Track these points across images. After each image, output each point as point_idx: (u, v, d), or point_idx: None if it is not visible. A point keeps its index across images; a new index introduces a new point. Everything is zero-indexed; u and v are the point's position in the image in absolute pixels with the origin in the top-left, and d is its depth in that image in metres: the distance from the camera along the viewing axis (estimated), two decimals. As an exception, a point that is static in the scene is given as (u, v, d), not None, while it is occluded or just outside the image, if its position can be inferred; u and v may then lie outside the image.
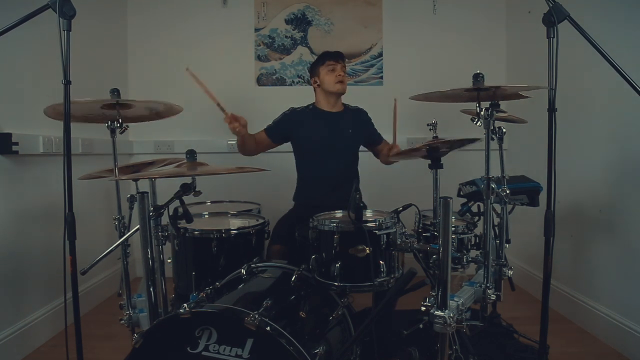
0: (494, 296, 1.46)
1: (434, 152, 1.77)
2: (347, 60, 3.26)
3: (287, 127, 2.39)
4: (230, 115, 2.17)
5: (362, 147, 2.49)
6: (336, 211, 1.74)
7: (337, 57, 2.36)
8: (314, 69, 2.40)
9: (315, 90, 2.43)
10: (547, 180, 1.42)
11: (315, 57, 2.47)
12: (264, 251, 2.00)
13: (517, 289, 2.40)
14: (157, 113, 1.76)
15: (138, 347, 1.27)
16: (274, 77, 3.32)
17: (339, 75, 2.32)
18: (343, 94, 2.38)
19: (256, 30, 3.31)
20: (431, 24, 3.31)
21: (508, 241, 1.79)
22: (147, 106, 1.70)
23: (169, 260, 1.83)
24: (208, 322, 1.25)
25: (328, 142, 2.32)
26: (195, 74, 1.94)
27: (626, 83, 1.32)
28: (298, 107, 2.46)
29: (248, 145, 2.29)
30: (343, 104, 2.45)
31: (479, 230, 1.76)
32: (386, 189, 2.66)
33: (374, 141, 2.50)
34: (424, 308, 1.30)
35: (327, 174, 2.33)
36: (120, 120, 1.59)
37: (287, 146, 2.48)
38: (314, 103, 2.45)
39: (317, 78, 2.38)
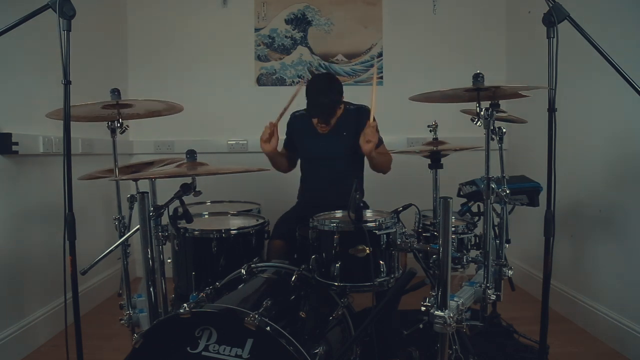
0: (494, 296, 1.46)
1: (434, 153, 1.77)
2: (346, 60, 3.30)
3: (292, 134, 2.42)
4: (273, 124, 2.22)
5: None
6: (336, 211, 1.74)
7: (323, 118, 2.19)
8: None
9: None
10: (547, 180, 1.42)
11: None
12: (264, 251, 2.00)
13: (517, 289, 2.41)
14: (157, 112, 1.76)
15: (138, 347, 1.27)
16: (274, 77, 3.32)
17: (322, 128, 2.24)
18: None
19: (256, 30, 3.31)
20: (431, 24, 3.31)
21: (508, 241, 1.79)
22: (148, 107, 1.70)
23: (169, 260, 1.83)
24: (208, 322, 1.25)
25: (325, 146, 2.29)
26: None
27: (626, 83, 1.32)
28: (298, 112, 2.42)
29: (278, 162, 2.36)
30: (344, 102, 2.42)
31: (479, 230, 1.76)
32: (386, 189, 2.66)
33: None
34: (424, 308, 1.29)
35: (327, 175, 2.32)
36: (120, 120, 1.59)
37: (287, 146, 2.48)
38: None
39: None
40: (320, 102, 2.12)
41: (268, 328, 1.21)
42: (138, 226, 1.42)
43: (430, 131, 1.82)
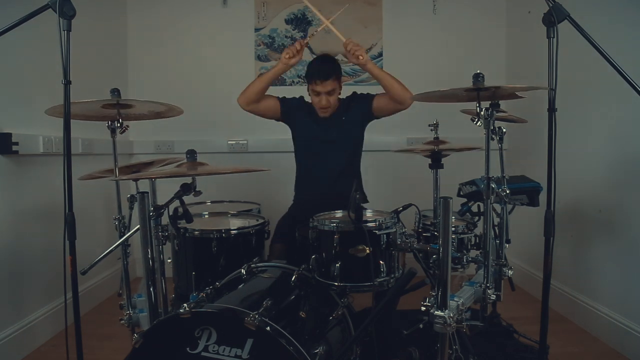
0: (494, 296, 1.46)
1: (435, 152, 1.77)
2: (346, 60, 3.29)
3: (294, 108, 2.36)
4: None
5: (367, 147, 2.43)
6: (336, 211, 1.74)
7: (322, 76, 2.19)
8: (307, 78, 2.30)
9: None
10: (547, 180, 1.42)
11: (315, 57, 2.43)
12: (264, 251, 2.00)
13: (517, 289, 2.41)
14: (158, 113, 1.76)
15: (138, 347, 1.27)
16: (274, 77, 3.32)
17: (322, 103, 2.22)
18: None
19: (256, 30, 3.31)
20: (431, 24, 3.31)
21: (508, 241, 1.79)
22: (148, 108, 1.70)
23: (169, 260, 1.83)
24: (208, 322, 1.25)
25: (322, 140, 2.28)
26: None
27: (626, 83, 1.32)
28: (306, 100, 2.41)
29: (264, 88, 2.26)
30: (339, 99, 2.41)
31: (479, 230, 1.76)
32: (386, 189, 2.66)
33: (366, 109, 2.30)
34: (424, 308, 1.30)
35: (324, 171, 2.30)
36: (120, 120, 1.59)
37: (286, 146, 2.48)
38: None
39: (308, 91, 2.30)
40: (323, 65, 2.25)
41: (268, 328, 1.21)
42: (138, 226, 1.42)
43: (431, 130, 1.82)
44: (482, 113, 1.43)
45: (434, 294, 1.30)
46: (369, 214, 1.73)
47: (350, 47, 2.11)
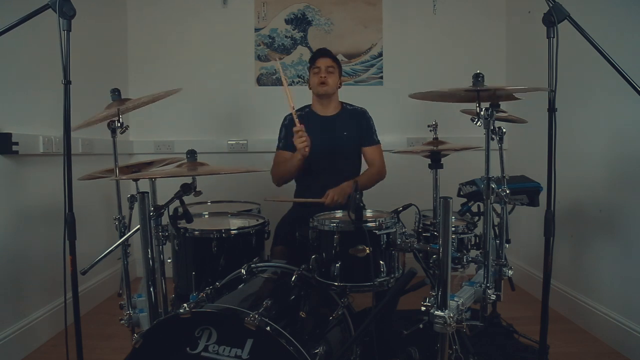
0: (494, 296, 1.46)
1: (435, 153, 1.77)
2: (346, 60, 3.30)
3: (289, 134, 2.37)
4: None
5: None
6: (336, 211, 1.74)
7: (321, 53, 2.35)
8: (310, 62, 2.43)
9: None
10: (547, 180, 1.42)
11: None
12: (264, 251, 2.00)
13: (517, 289, 2.41)
14: (159, 96, 1.73)
15: (138, 347, 1.27)
16: (274, 77, 3.32)
17: (322, 76, 2.29)
18: (328, 95, 2.33)
19: (256, 30, 3.31)
20: (431, 24, 3.31)
21: (508, 241, 1.79)
22: (149, 100, 1.69)
23: (169, 260, 1.83)
24: (208, 322, 1.25)
25: (322, 147, 2.28)
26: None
27: (626, 83, 1.32)
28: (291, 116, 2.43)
29: (299, 167, 2.23)
30: (342, 103, 2.42)
31: (479, 230, 1.76)
32: (386, 189, 2.66)
33: (363, 143, 2.39)
34: (424, 308, 1.29)
35: (325, 178, 2.30)
36: (120, 120, 1.59)
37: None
38: (310, 105, 2.43)
39: (309, 80, 2.40)
40: (324, 48, 2.43)
41: (268, 328, 1.21)
42: (138, 226, 1.42)
43: (430, 131, 1.82)
44: (482, 113, 1.42)
45: (434, 294, 1.30)
46: (369, 214, 1.73)
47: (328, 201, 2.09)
